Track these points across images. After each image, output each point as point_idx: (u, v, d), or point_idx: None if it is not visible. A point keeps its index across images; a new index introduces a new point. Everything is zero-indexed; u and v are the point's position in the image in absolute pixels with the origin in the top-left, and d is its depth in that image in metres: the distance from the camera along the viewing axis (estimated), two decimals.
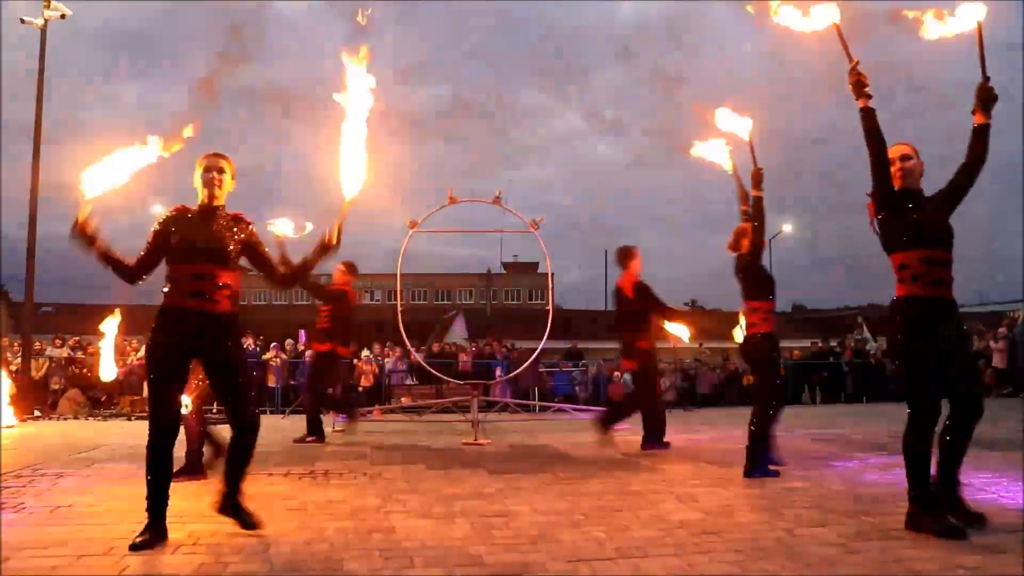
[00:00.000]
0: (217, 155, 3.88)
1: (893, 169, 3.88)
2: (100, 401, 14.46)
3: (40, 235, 13.69)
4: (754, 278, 5.71)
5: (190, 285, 3.64)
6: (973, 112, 3.86)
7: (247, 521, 3.69)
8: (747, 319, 5.70)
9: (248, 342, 14.41)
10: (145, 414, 12.85)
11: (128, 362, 15.23)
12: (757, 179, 5.67)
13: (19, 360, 13.56)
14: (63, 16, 14.62)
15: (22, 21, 14.79)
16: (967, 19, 4.01)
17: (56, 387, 14.38)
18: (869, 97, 3.90)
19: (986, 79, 3.85)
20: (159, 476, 3.59)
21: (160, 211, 3.92)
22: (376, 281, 60.21)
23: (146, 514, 3.54)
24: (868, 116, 3.89)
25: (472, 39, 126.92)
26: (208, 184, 3.81)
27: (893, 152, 3.91)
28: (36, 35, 14.29)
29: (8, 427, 9.70)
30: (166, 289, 3.71)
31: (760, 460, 5.46)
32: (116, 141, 3.91)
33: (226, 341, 3.70)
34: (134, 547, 3.35)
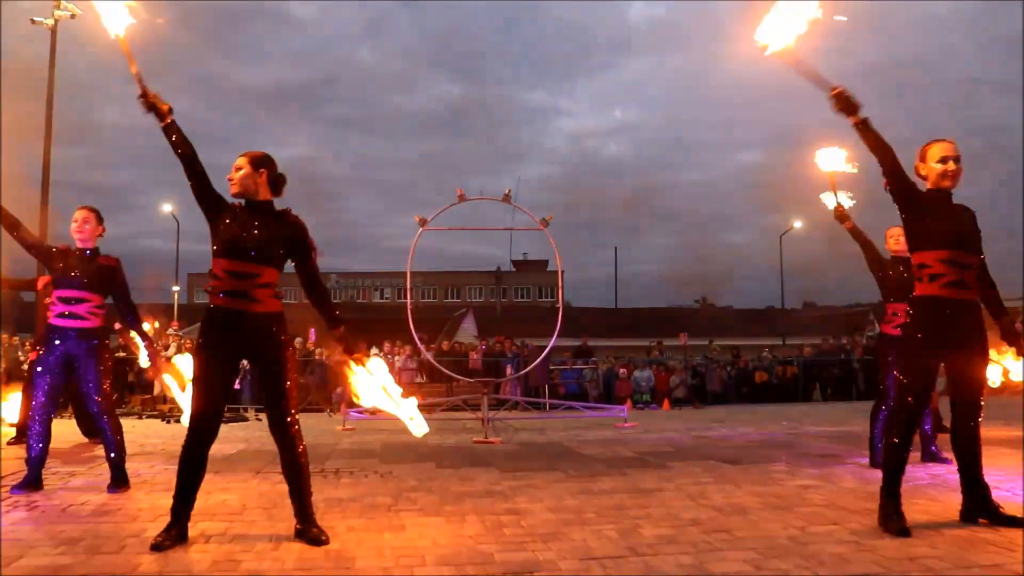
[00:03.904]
0: (242, 156, 3.68)
1: (946, 168, 3.74)
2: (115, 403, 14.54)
3: (51, 234, 13.77)
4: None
5: (231, 283, 3.55)
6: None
7: (316, 540, 3.49)
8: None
9: None
10: (156, 413, 12.90)
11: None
12: (842, 215, 5.64)
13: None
14: (73, 16, 14.68)
15: (33, 21, 14.87)
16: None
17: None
18: (859, 107, 3.65)
19: None
20: (190, 479, 3.53)
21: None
22: (386, 279, 60.42)
23: (170, 514, 3.49)
24: (867, 130, 3.67)
25: (483, 36, 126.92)
26: (231, 187, 3.65)
27: (947, 150, 3.77)
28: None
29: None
30: (210, 287, 3.63)
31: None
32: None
33: (269, 342, 3.59)
34: (155, 547, 3.33)
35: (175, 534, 3.44)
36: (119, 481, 4.88)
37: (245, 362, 3.83)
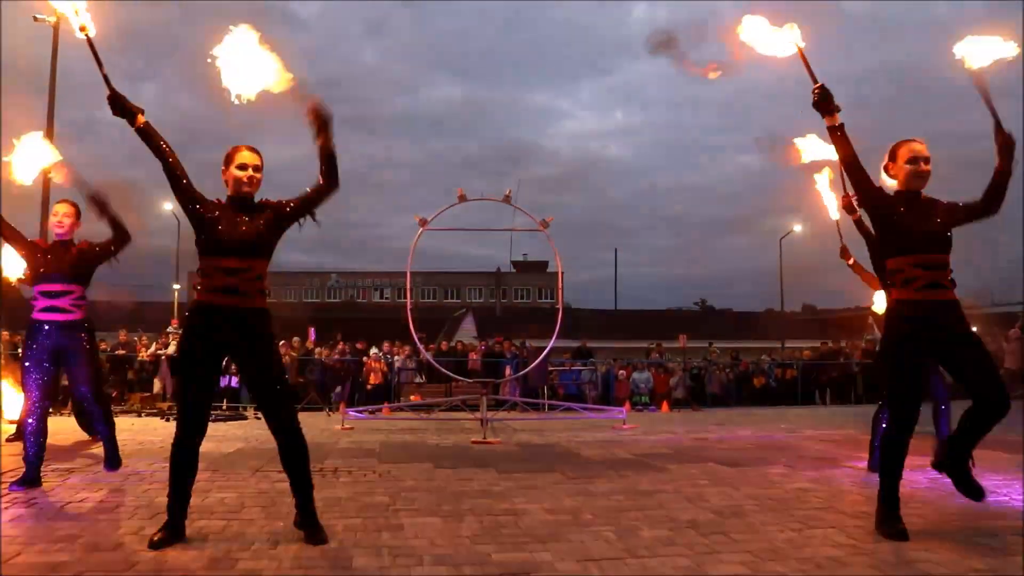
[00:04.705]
0: (252, 150, 3.69)
1: (916, 168, 3.76)
2: (111, 397, 14.53)
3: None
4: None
5: (221, 279, 3.53)
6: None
7: (315, 537, 3.51)
8: None
9: None
10: (155, 411, 12.91)
11: (139, 358, 15.32)
12: (849, 206, 5.49)
13: None
14: (76, 13, 14.67)
15: (35, 19, 14.88)
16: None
17: (65, 383, 14.37)
18: (838, 110, 3.75)
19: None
20: (183, 476, 3.53)
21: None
22: (386, 279, 60.41)
23: (166, 512, 3.49)
24: (840, 135, 3.76)
25: (485, 38, 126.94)
26: (240, 183, 3.62)
27: (916, 150, 3.78)
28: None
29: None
30: (198, 284, 3.62)
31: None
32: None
33: (256, 339, 3.57)
34: (152, 545, 3.33)
35: (172, 532, 3.44)
36: (113, 459, 4.88)
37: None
